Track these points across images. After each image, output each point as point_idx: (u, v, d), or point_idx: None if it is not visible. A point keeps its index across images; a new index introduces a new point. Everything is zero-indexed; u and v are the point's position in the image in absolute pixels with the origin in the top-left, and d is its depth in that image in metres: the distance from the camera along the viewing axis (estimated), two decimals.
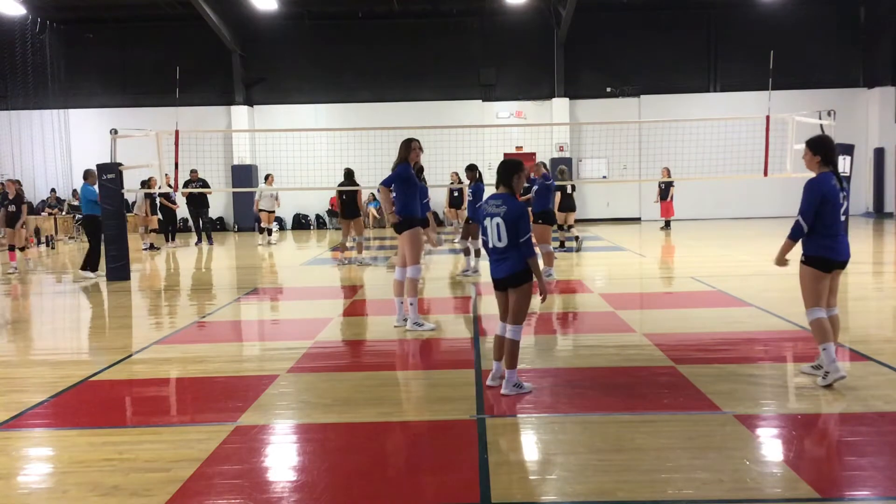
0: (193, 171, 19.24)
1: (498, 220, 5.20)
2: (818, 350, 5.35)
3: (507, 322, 5.34)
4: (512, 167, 5.34)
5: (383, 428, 4.74)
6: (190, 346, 7.28)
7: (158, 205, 18.86)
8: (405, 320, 7.77)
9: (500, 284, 5.34)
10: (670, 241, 17.74)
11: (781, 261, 5.44)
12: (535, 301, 9.08)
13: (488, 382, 5.50)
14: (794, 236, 5.32)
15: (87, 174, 12.94)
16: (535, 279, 5.27)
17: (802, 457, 4.16)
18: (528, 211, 5.46)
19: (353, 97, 24.62)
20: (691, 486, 3.75)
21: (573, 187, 15.88)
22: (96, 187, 12.40)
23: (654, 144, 22.23)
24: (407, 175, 7.48)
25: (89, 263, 12.74)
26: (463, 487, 3.81)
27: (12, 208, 14.24)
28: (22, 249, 14.50)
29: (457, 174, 18.81)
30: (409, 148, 7.53)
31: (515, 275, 5.23)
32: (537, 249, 8.21)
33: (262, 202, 19.16)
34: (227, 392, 5.63)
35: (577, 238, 15.46)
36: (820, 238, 5.27)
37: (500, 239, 5.22)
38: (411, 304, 7.65)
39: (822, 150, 5.36)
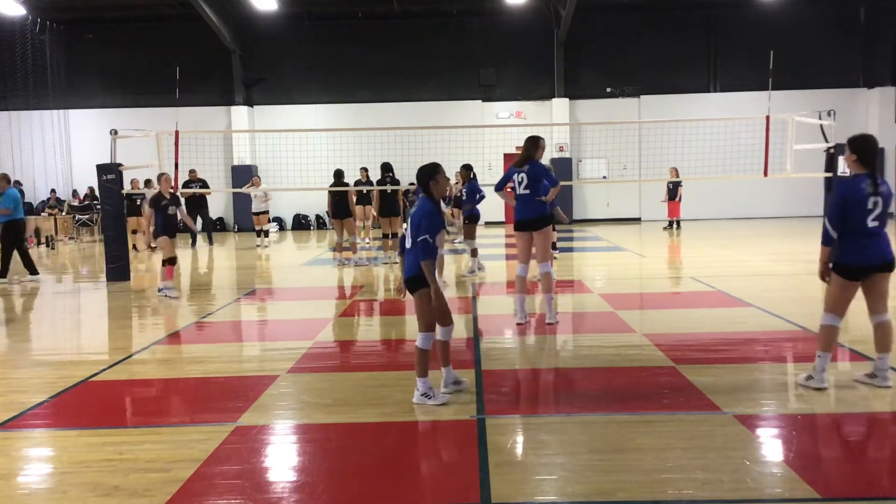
0: (192, 172, 19.11)
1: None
2: (824, 351, 5.23)
3: (419, 329, 5.16)
4: (428, 172, 5.22)
5: (383, 428, 4.74)
6: (190, 347, 7.28)
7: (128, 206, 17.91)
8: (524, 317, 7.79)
9: (407, 288, 5.17)
10: (671, 241, 17.73)
11: (824, 271, 5.20)
12: (537, 300, 9.17)
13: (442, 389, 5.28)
14: (824, 241, 5.14)
15: (1, 177, 12.32)
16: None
17: (802, 457, 4.16)
18: (435, 213, 5.08)
19: (353, 97, 24.61)
20: (691, 486, 3.75)
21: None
22: (14, 189, 11.41)
23: (654, 144, 22.20)
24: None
25: (5, 269, 12.25)
26: (463, 487, 3.81)
27: (171, 210, 10.75)
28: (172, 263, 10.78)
29: (458, 175, 18.80)
30: (538, 146, 7.62)
31: (412, 278, 5.08)
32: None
33: (252, 205, 19.06)
34: (227, 392, 5.63)
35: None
36: (845, 242, 5.06)
37: (410, 239, 5.10)
38: (552, 300, 7.78)
39: (859, 148, 5.15)
